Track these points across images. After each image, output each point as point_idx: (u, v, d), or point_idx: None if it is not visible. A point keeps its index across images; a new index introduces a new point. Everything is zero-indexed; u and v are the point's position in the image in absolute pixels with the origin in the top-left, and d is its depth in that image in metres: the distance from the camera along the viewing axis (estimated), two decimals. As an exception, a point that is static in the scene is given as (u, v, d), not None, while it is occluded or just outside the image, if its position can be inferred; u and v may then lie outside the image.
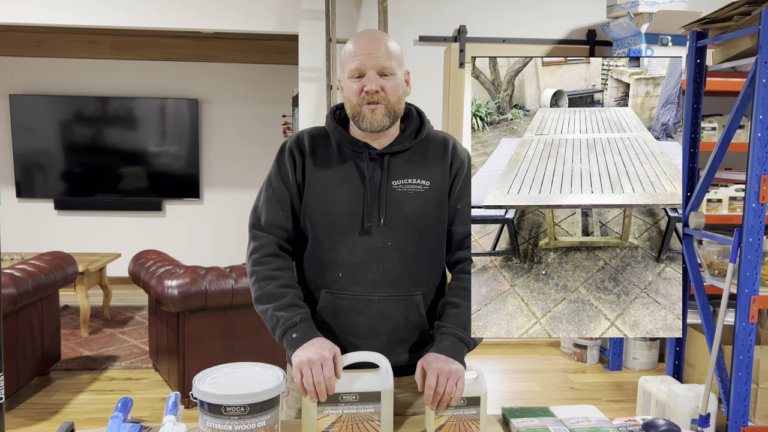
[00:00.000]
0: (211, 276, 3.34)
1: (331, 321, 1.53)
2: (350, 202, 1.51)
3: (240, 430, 1.23)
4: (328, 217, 1.52)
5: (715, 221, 3.86)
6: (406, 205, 1.52)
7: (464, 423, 1.41)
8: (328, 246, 1.52)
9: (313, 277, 1.56)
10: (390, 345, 1.53)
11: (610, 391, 3.83)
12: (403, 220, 1.51)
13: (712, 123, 4.20)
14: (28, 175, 6.09)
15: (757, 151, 2.80)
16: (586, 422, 1.46)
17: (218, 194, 6.34)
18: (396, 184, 1.52)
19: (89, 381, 3.82)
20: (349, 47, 1.52)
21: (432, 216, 1.54)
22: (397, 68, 1.51)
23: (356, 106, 1.50)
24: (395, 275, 1.51)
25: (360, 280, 1.51)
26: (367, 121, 1.49)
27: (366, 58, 1.48)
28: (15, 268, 3.45)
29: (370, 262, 1.50)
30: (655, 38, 4.02)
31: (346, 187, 1.52)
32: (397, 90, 1.50)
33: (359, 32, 1.55)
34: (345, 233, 1.51)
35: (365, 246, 1.50)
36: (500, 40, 4.51)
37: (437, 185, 1.55)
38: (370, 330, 1.52)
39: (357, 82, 1.49)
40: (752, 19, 2.88)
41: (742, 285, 2.87)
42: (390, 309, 1.51)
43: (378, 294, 1.51)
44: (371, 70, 1.48)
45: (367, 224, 1.50)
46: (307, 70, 4.45)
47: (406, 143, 1.56)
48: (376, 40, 1.50)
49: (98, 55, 6.00)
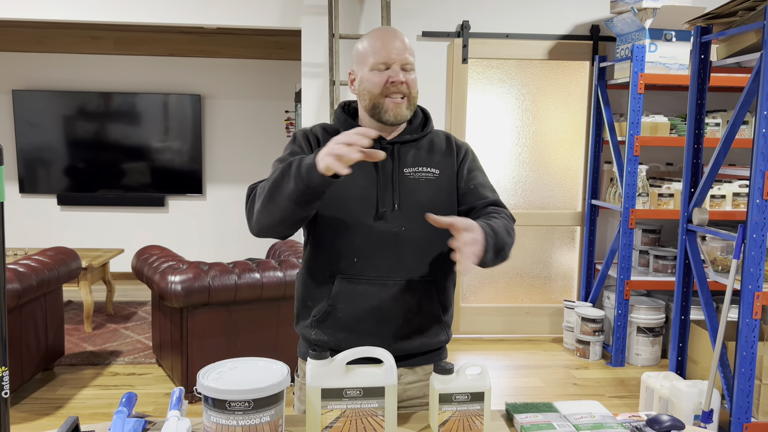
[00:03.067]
0: (215, 271, 3.35)
1: (345, 306, 1.54)
2: (364, 188, 1.54)
3: (244, 425, 1.23)
4: (341, 203, 1.53)
5: (719, 217, 3.86)
6: (418, 192, 1.55)
7: (468, 418, 1.41)
8: (342, 232, 1.54)
9: (326, 264, 1.56)
10: (403, 330, 1.55)
11: (612, 387, 3.83)
12: (416, 206, 1.54)
13: (715, 119, 4.20)
14: (31, 170, 6.09)
15: (762, 146, 2.79)
16: (590, 418, 1.46)
17: (221, 190, 6.34)
18: (408, 172, 1.56)
19: (93, 376, 3.83)
20: (371, 42, 1.55)
21: (443, 202, 1.57)
22: (415, 65, 1.57)
23: (379, 96, 1.53)
24: (409, 261, 1.53)
25: (375, 266, 1.52)
26: (392, 114, 1.54)
27: (392, 51, 1.52)
28: (18, 263, 3.46)
29: (385, 248, 1.52)
30: (659, 34, 4.01)
31: (359, 174, 1.54)
32: (416, 85, 1.57)
33: (377, 28, 1.59)
34: (359, 219, 1.53)
35: (379, 231, 1.52)
36: (503, 35, 4.50)
37: (446, 174, 1.60)
38: (384, 314, 1.53)
39: (381, 74, 1.52)
40: (757, 15, 2.87)
41: (746, 281, 2.87)
42: (404, 293, 1.53)
43: (393, 279, 1.53)
44: (396, 63, 1.52)
45: (381, 209, 1.52)
46: (310, 66, 4.44)
47: (414, 134, 1.61)
48: (398, 37, 1.55)
49: (101, 50, 6.01)
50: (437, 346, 1.63)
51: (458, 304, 4.70)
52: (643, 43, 4.00)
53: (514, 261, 4.76)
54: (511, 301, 4.80)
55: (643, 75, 3.96)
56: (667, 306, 4.35)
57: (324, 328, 1.57)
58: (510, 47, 4.52)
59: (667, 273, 4.34)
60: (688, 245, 3.36)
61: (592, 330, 4.26)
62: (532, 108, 4.64)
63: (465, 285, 4.75)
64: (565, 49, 4.56)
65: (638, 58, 3.96)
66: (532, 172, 4.70)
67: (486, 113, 4.63)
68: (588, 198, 4.60)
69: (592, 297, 4.54)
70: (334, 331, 1.57)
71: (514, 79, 4.61)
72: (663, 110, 4.65)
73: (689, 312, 3.50)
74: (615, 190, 4.31)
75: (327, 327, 1.57)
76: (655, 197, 4.20)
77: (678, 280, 3.49)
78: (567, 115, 4.67)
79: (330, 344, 1.57)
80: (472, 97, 4.59)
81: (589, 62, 4.59)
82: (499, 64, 4.58)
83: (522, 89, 4.62)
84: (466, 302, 4.75)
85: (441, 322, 1.60)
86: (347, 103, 1.68)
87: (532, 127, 4.66)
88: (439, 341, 1.62)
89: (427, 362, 1.62)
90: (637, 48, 3.96)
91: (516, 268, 4.78)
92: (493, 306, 4.76)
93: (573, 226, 4.75)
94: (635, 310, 4.22)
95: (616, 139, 4.27)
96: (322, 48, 4.43)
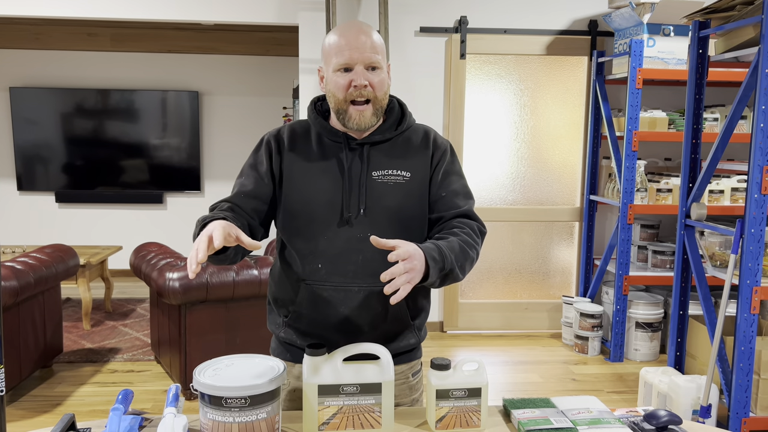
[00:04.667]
0: (213, 268, 3.34)
1: (311, 312, 1.53)
2: (329, 192, 1.50)
3: (241, 421, 1.23)
4: (306, 208, 1.50)
5: (717, 212, 3.86)
6: (386, 196, 1.50)
7: (465, 414, 1.40)
8: (307, 237, 1.51)
9: (293, 269, 1.54)
10: (371, 336, 1.52)
11: (611, 383, 3.83)
12: (383, 211, 1.49)
13: (714, 113, 4.19)
14: (28, 167, 6.08)
15: (760, 141, 2.79)
16: (588, 413, 1.46)
17: (219, 187, 6.33)
18: (376, 175, 1.51)
19: (91, 373, 3.83)
20: (335, 39, 1.47)
21: (413, 207, 1.52)
22: (383, 61, 1.48)
23: (342, 102, 1.47)
24: (375, 266, 1.46)
25: (340, 271, 1.49)
26: (354, 122, 1.48)
27: (354, 51, 1.44)
28: (16, 260, 3.45)
29: (350, 253, 1.48)
30: (658, 28, 4.00)
31: (325, 177, 1.50)
32: (384, 85, 1.48)
33: (344, 24, 1.51)
34: (324, 224, 1.49)
35: (345, 237, 1.49)
36: (501, 30, 4.49)
37: (419, 177, 1.53)
38: (351, 321, 1.51)
39: (344, 76, 1.46)
40: (755, 9, 2.87)
41: (744, 276, 2.87)
42: (371, 300, 1.50)
43: (358, 285, 1.49)
44: (359, 64, 1.45)
45: (347, 215, 1.49)
46: (308, 62, 4.43)
47: (386, 134, 1.54)
48: (364, 33, 1.46)
49: (98, 47, 5.99)
50: (406, 349, 1.60)
51: (456, 300, 4.70)
52: (642, 38, 3.99)
53: (513, 257, 4.76)
54: (509, 297, 4.80)
55: (641, 70, 3.96)
56: (666, 301, 4.36)
57: (293, 330, 1.57)
58: (508, 43, 4.52)
59: (666, 268, 4.34)
60: (687, 240, 3.36)
61: (591, 325, 4.26)
62: (531, 103, 4.64)
63: (464, 281, 4.75)
64: (563, 45, 4.55)
65: (636, 53, 3.95)
66: (531, 167, 4.70)
67: (484, 109, 4.62)
68: (586, 193, 4.60)
69: (590, 292, 4.54)
70: (301, 335, 1.56)
71: (512, 75, 4.60)
72: (661, 105, 4.64)
73: (688, 307, 3.50)
74: (613, 186, 4.30)
75: (295, 329, 1.57)
76: (654, 192, 4.19)
77: (676, 275, 3.49)
78: (565, 110, 4.66)
79: (298, 345, 1.57)
80: (470, 93, 4.58)
81: (587, 57, 4.59)
82: (497, 59, 4.57)
83: (520, 85, 4.61)
84: (465, 298, 4.75)
85: (410, 327, 1.57)
86: (319, 98, 1.61)
87: (530, 123, 4.65)
88: (408, 344, 1.59)
89: (397, 363, 1.57)
90: (636, 43, 3.95)
91: (514, 264, 4.78)
92: (491, 302, 4.76)
93: (571, 221, 4.75)
94: (634, 305, 4.22)
95: (614, 134, 4.27)
96: (320, 44, 4.42)
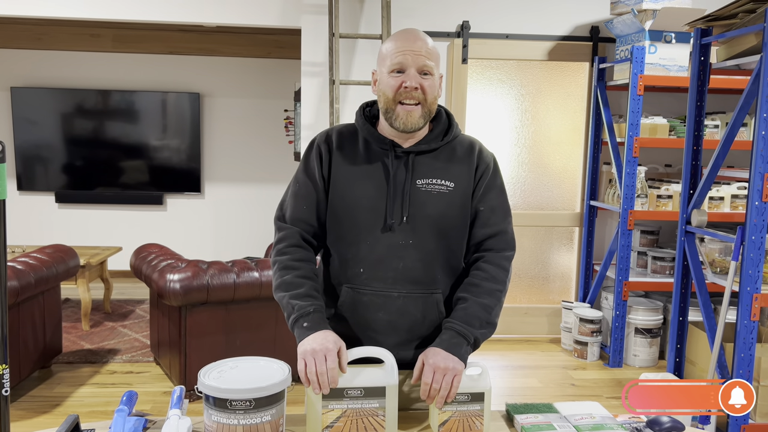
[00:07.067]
0: (213, 270, 3.34)
1: (351, 316, 1.56)
2: (373, 199, 1.53)
3: (245, 424, 1.23)
4: (350, 213, 1.54)
5: (718, 219, 3.87)
6: (429, 205, 1.53)
7: (468, 418, 1.41)
8: (350, 242, 1.54)
9: (335, 272, 1.58)
10: (408, 341, 1.55)
11: (610, 388, 3.83)
12: (425, 219, 1.52)
13: (715, 120, 4.20)
14: (29, 168, 6.08)
15: (761, 148, 2.80)
16: (590, 419, 1.46)
17: (220, 188, 6.33)
18: (420, 183, 1.54)
19: (90, 374, 3.82)
20: (392, 43, 1.53)
21: (454, 217, 1.55)
22: (435, 69, 1.53)
23: (392, 101, 1.51)
24: (415, 273, 1.52)
25: (380, 277, 1.53)
26: (401, 121, 1.51)
27: (409, 54, 1.49)
28: (17, 261, 3.45)
29: (391, 259, 1.52)
30: (659, 35, 4.01)
31: (370, 183, 1.53)
32: (434, 90, 1.53)
33: (402, 29, 1.56)
34: (367, 230, 1.53)
35: (387, 243, 1.52)
36: (503, 36, 4.50)
37: (462, 187, 1.56)
38: (389, 326, 1.54)
39: (396, 77, 1.50)
40: (757, 17, 2.88)
41: (744, 283, 2.87)
42: (409, 306, 1.53)
43: (398, 291, 1.53)
44: (412, 67, 1.49)
45: (390, 221, 1.52)
46: (310, 65, 4.44)
47: (432, 144, 1.57)
48: (420, 39, 1.52)
49: (100, 48, 5.99)
50: None
51: (456, 304, 4.70)
52: (643, 44, 4.00)
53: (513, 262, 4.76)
54: (509, 302, 4.80)
55: (642, 76, 3.97)
56: (665, 307, 4.36)
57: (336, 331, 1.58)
58: (510, 48, 4.53)
59: (666, 274, 4.34)
60: (687, 246, 3.37)
61: (590, 331, 4.26)
62: (532, 109, 4.64)
63: (463, 285, 4.75)
64: (565, 50, 4.56)
65: (638, 59, 3.96)
66: (531, 172, 4.70)
67: (485, 114, 4.63)
68: (587, 199, 4.60)
69: (590, 298, 4.54)
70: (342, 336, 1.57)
71: (514, 80, 4.61)
72: (662, 112, 4.65)
73: (687, 313, 3.50)
74: (614, 191, 4.31)
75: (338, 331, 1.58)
76: (654, 198, 4.20)
77: (676, 282, 3.49)
78: (566, 116, 4.67)
79: None
80: (471, 98, 4.59)
81: (588, 63, 4.60)
82: (498, 64, 4.58)
83: (521, 90, 4.62)
84: (465, 302, 4.74)
85: None
86: (368, 104, 1.65)
87: (531, 128, 4.66)
88: None
89: None
90: (637, 49, 3.96)
91: (514, 269, 4.78)
92: (491, 306, 4.76)
93: (571, 226, 4.76)
94: (633, 311, 4.23)
95: (615, 140, 4.28)
96: (322, 47, 4.42)
